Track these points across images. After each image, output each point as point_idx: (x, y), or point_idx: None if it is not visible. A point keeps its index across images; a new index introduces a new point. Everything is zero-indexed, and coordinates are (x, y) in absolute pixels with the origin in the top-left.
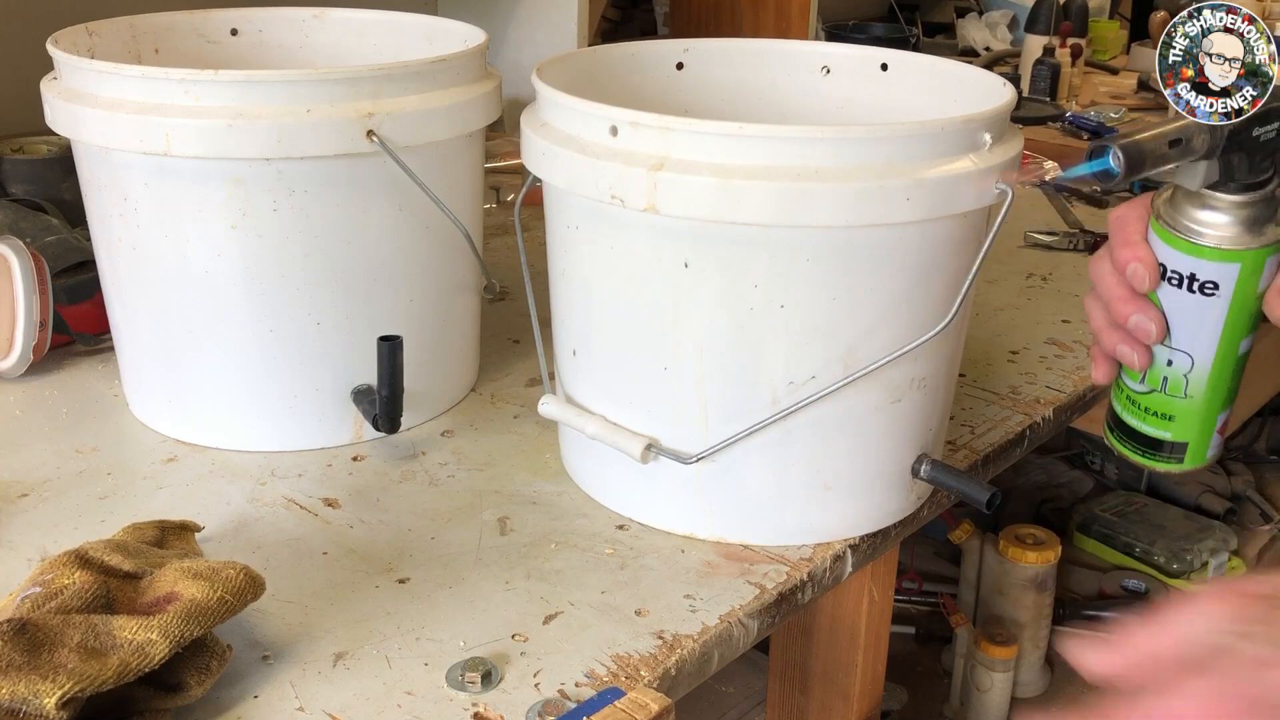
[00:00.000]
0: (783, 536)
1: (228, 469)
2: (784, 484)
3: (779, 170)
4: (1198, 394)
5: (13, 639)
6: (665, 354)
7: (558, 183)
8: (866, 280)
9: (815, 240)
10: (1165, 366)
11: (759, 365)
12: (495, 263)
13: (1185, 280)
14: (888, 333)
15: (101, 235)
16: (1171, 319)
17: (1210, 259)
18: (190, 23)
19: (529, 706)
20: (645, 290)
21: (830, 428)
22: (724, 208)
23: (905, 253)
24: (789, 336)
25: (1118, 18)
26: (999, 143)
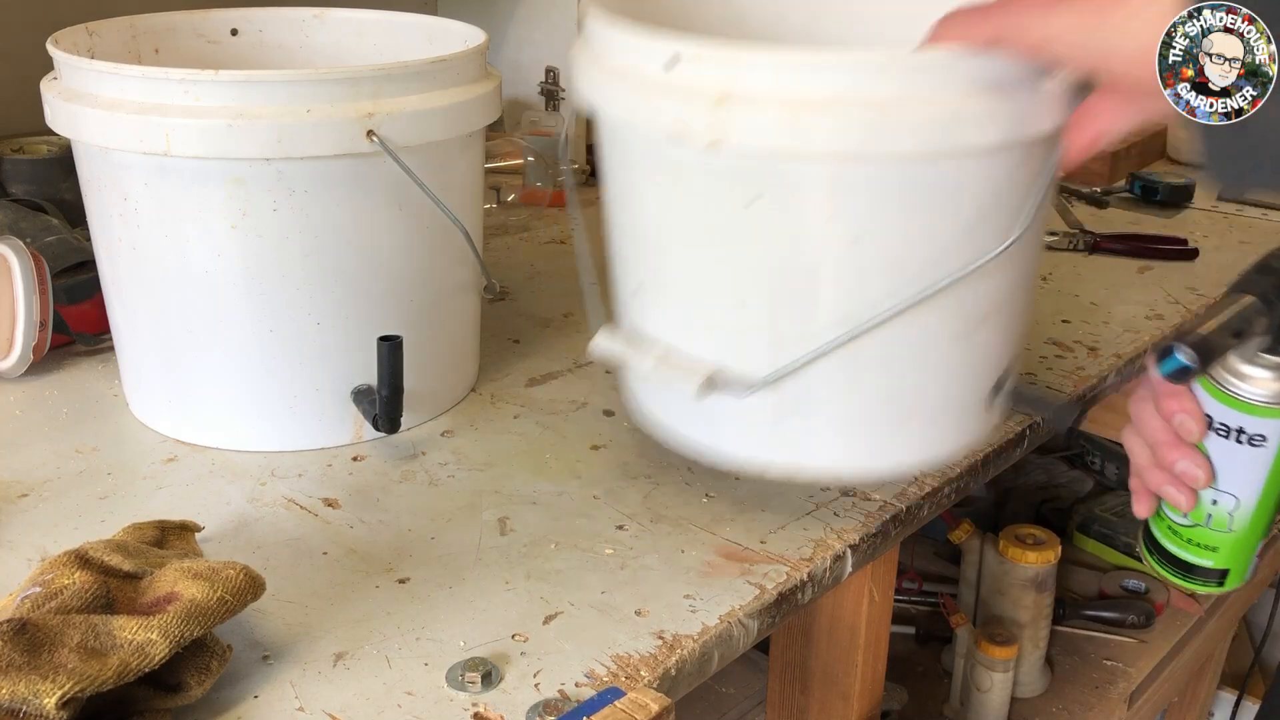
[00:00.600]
0: (857, 463)
1: (228, 469)
2: (857, 411)
3: (851, 100)
4: (1241, 528)
5: (13, 639)
6: (736, 290)
7: (615, 117)
8: (943, 209)
9: (889, 172)
10: (1210, 505)
11: (832, 296)
12: (495, 263)
13: (1233, 432)
14: (959, 260)
15: (101, 235)
16: (1218, 465)
17: (1260, 415)
18: (190, 23)
19: (529, 706)
20: (712, 228)
21: (905, 356)
22: (793, 140)
23: (978, 180)
24: (862, 270)
25: None
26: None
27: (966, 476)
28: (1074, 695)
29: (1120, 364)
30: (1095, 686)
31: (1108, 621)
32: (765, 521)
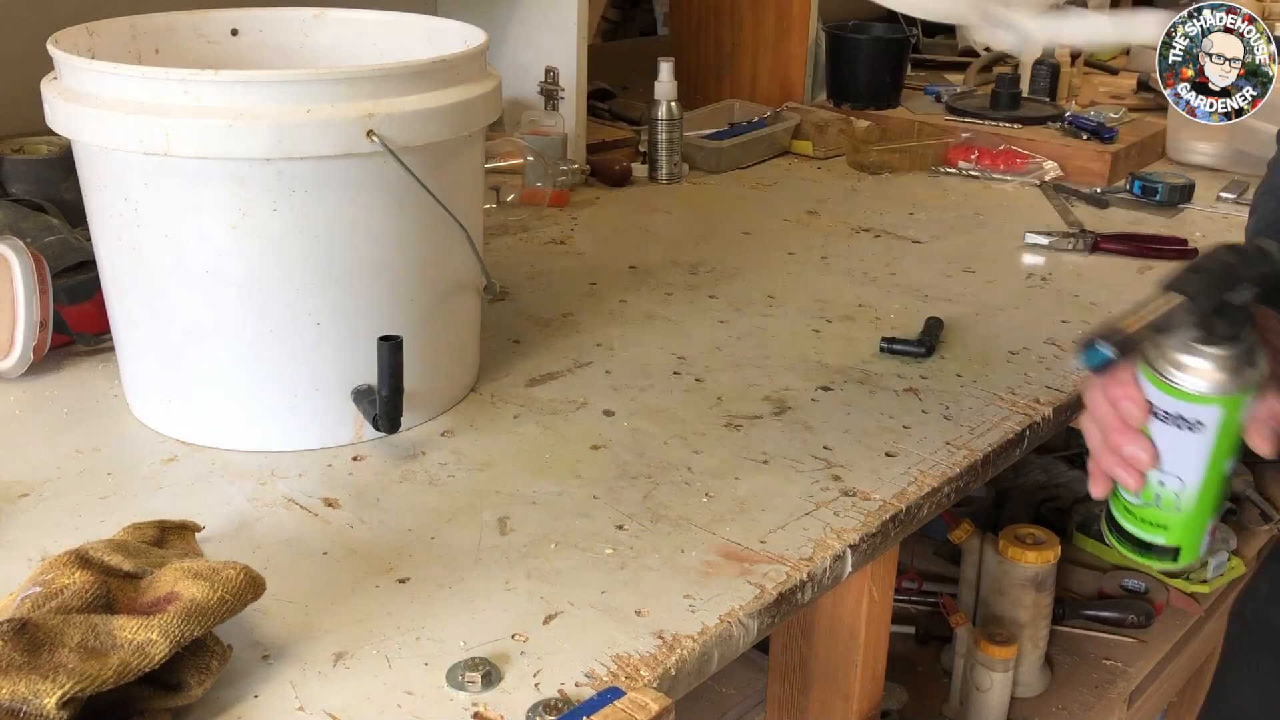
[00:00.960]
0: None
1: (228, 469)
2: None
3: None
4: (1188, 508)
5: (13, 639)
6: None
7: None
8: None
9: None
10: (1158, 486)
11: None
12: (495, 263)
13: (1173, 418)
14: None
15: (102, 235)
16: (1161, 449)
17: (1196, 403)
18: (190, 23)
19: (529, 706)
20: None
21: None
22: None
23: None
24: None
25: None
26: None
27: (966, 476)
28: (1074, 695)
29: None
30: (1095, 686)
31: (1107, 621)
32: (765, 521)
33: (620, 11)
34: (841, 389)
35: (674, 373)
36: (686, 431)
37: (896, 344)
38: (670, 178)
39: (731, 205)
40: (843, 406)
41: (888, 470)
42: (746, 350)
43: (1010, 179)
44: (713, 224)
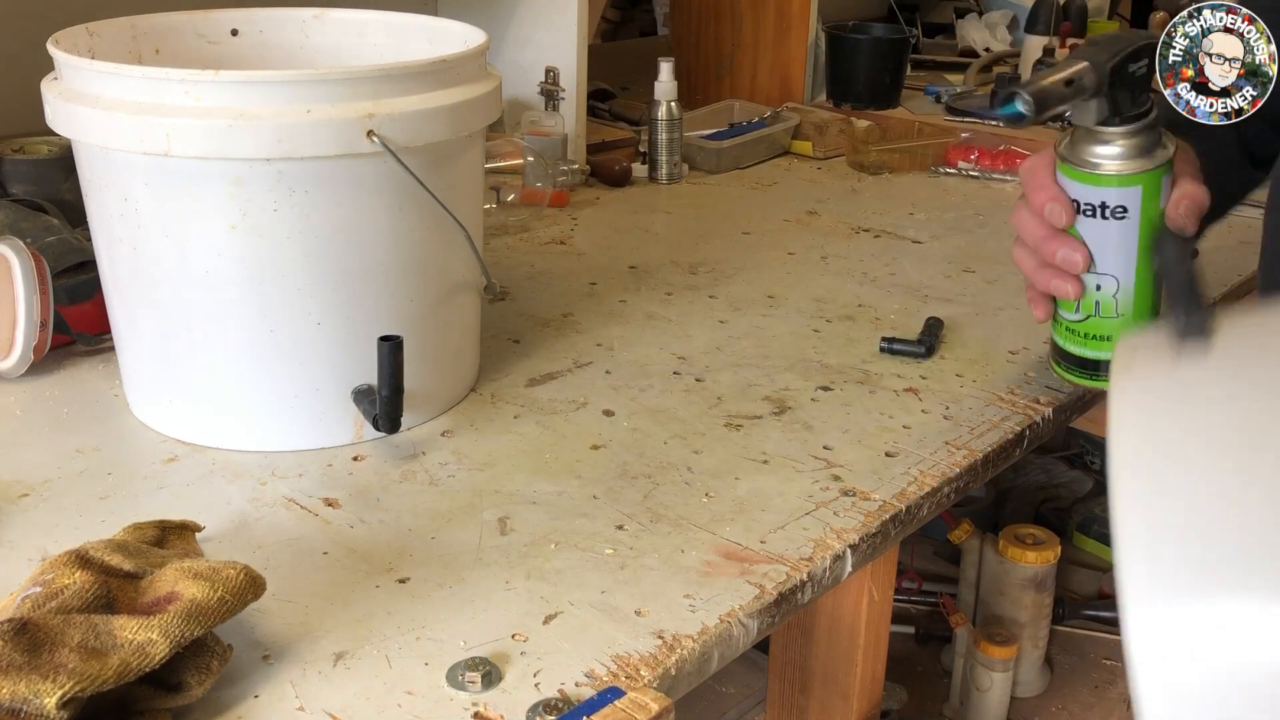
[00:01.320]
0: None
1: (228, 469)
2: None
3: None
4: (1127, 310)
5: (13, 639)
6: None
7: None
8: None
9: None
10: (1095, 292)
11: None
12: (495, 263)
13: (1098, 210)
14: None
15: (102, 235)
16: (1093, 247)
17: (1115, 185)
18: (190, 23)
19: (529, 706)
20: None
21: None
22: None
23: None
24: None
25: (1117, 18)
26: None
27: (966, 476)
28: (1074, 695)
29: None
30: (1095, 686)
31: (1107, 621)
32: (765, 521)
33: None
34: (841, 389)
35: (674, 373)
36: (686, 431)
37: (896, 344)
38: (670, 178)
39: (731, 205)
40: (843, 406)
41: (888, 470)
42: (746, 350)
43: (1010, 179)
44: (713, 224)
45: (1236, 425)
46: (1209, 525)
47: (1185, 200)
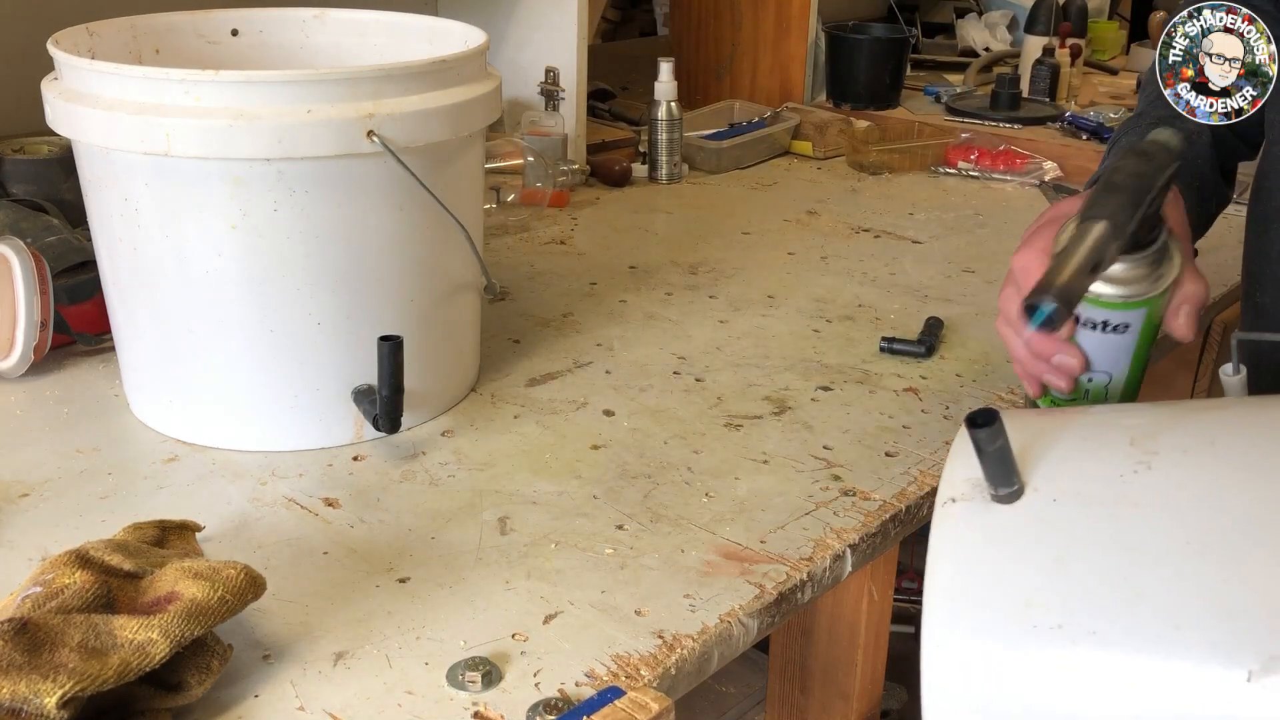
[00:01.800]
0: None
1: (228, 469)
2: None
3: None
4: (1116, 397)
5: (13, 639)
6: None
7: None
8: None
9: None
10: (1086, 383)
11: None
12: (495, 263)
13: (1099, 325)
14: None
15: (102, 235)
16: (1089, 353)
17: (1120, 309)
18: (191, 23)
19: (529, 706)
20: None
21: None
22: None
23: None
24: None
25: (1117, 18)
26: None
27: None
28: None
29: None
30: None
31: None
32: (765, 521)
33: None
34: (841, 389)
35: (674, 373)
36: (686, 431)
37: (896, 344)
38: (670, 178)
39: (731, 205)
40: (843, 406)
41: (888, 470)
42: (746, 350)
43: (1010, 179)
44: (713, 224)
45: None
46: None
47: (1186, 306)
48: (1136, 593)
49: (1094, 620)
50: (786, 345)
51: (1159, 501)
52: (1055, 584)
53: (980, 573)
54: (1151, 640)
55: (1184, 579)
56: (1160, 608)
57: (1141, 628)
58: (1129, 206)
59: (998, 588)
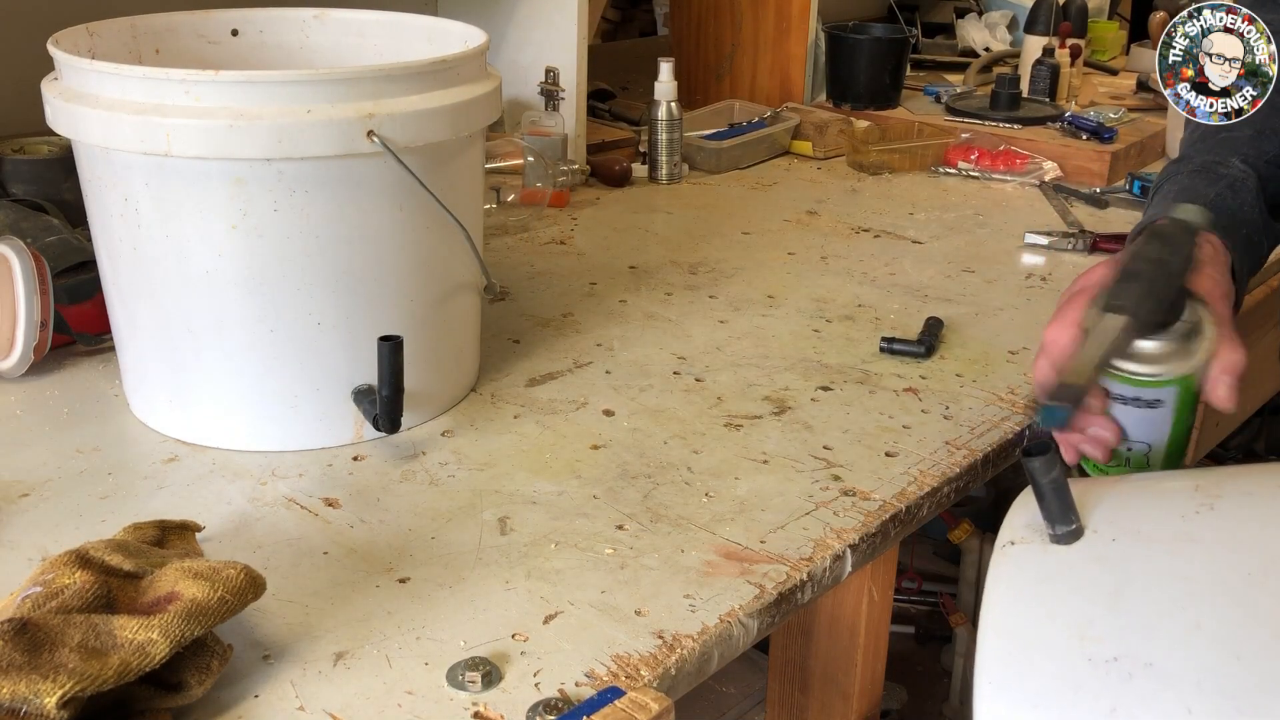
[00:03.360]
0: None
1: (228, 469)
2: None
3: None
4: (1158, 464)
5: (13, 639)
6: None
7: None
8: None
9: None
10: (1126, 452)
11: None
12: (495, 263)
13: (1131, 401)
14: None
15: (102, 235)
16: (1125, 425)
17: (1150, 386)
18: (190, 23)
19: (529, 706)
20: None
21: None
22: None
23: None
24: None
25: (1117, 18)
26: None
27: (966, 476)
28: None
29: None
30: None
31: None
32: (765, 521)
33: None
34: (841, 389)
35: (674, 373)
36: (686, 431)
37: (896, 344)
38: (670, 178)
39: (731, 205)
40: (843, 406)
41: (888, 470)
42: (746, 350)
43: (1010, 179)
44: (713, 224)
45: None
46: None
47: (1225, 377)
48: (1195, 624)
49: (1151, 651)
50: (786, 345)
51: (1221, 538)
52: (1111, 616)
53: (1035, 609)
54: (1210, 672)
55: (1245, 610)
56: (1219, 639)
57: (1199, 659)
58: (1148, 298)
59: (1052, 622)
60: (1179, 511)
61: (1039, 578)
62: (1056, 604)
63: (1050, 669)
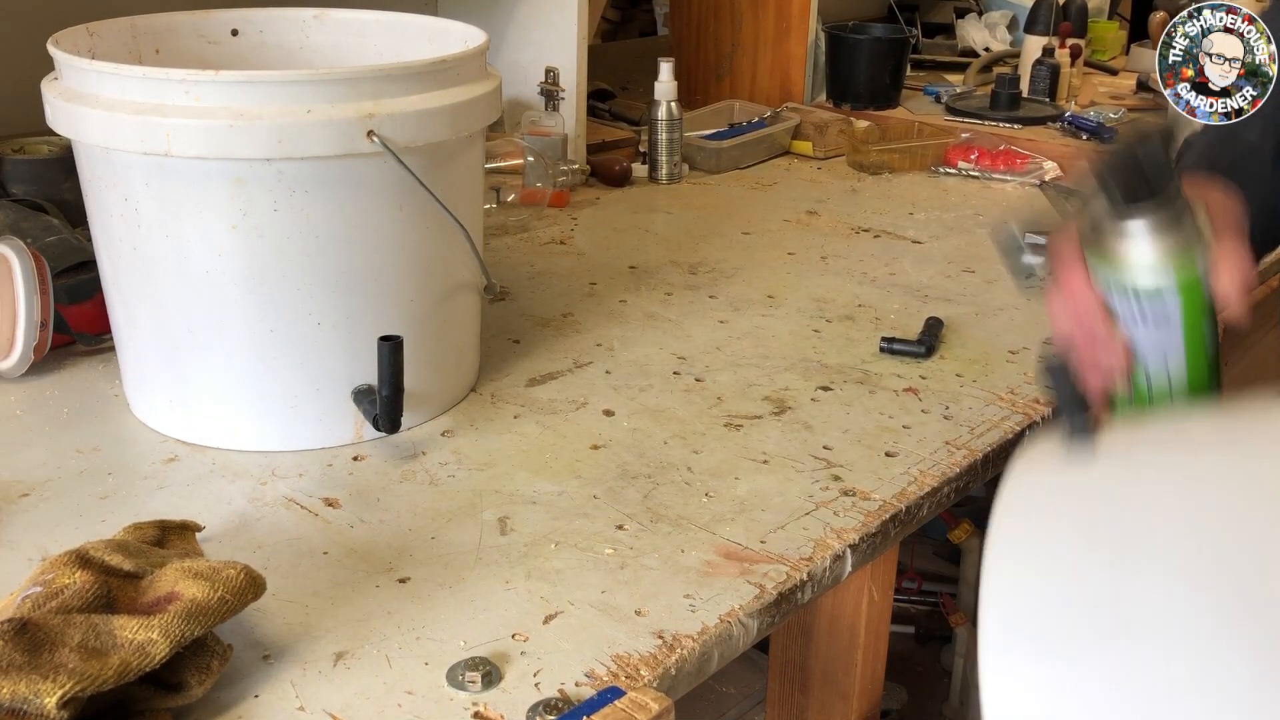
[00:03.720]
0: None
1: (228, 469)
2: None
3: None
4: (1182, 394)
5: (13, 639)
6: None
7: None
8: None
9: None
10: (1145, 384)
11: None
12: (495, 263)
13: (1136, 316)
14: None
15: (102, 235)
16: (1138, 347)
17: (1152, 295)
18: (190, 23)
19: (529, 706)
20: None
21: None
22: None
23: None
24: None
25: (1117, 18)
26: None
27: (966, 476)
28: None
29: None
30: None
31: None
32: (765, 521)
33: (620, 11)
34: (841, 389)
35: (674, 373)
36: (686, 431)
37: (896, 344)
38: (670, 178)
39: (731, 205)
40: (843, 406)
41: (888, 470)
42: (746, 350)
43: (1010, 179)
44: (713, 224)
45: (1099, 526)
46: (1057, 604)
47: (1234, 284)
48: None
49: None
50: (786, 345)
51: (1237, 481)
52: (1112, 568)
53: (1043, 523)
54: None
55: (1251, 560)
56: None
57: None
58: (1116, 155)
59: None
60: (1196, 450)
61: (1051, 491)
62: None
63: (1052, 612)
